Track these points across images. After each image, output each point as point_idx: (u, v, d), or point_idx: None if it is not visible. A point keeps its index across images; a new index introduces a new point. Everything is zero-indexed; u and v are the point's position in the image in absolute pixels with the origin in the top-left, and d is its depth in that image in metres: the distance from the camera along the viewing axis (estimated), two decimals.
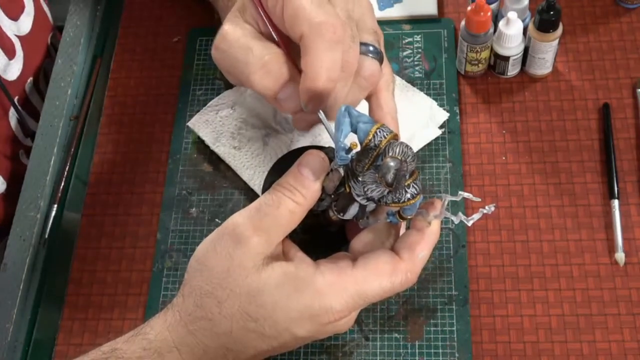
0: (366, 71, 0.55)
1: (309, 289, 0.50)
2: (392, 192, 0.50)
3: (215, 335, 0.52)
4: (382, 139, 0.49)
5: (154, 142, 0.76)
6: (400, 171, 0.48)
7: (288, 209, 0.52)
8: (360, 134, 0.50)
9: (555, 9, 0.67)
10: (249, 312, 0.51)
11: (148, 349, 0.52)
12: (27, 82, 0.81)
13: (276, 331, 0.51)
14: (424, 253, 0.53)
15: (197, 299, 0.52)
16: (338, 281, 0.50)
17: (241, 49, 0.54)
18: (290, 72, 0.53)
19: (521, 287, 0.65)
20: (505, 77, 0.74)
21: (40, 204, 0.72)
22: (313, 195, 0.52)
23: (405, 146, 0.48)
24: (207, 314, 0.52)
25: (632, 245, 0.66)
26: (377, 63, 0.56)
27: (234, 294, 0.51)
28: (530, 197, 0.69)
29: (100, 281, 0.69)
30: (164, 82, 0.79)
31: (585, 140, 0.71)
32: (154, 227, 0.71)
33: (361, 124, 0.50)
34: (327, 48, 0.50)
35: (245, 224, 0.51)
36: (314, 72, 0.51)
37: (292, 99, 0.53)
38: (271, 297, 0.50)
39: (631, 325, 0.63)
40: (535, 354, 0.62)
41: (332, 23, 0.50)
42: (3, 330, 0.67)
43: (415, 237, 0.53)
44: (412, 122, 0.72)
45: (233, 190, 0.72)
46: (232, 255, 0.51)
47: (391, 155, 0.48)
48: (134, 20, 0.84)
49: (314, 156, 0.53)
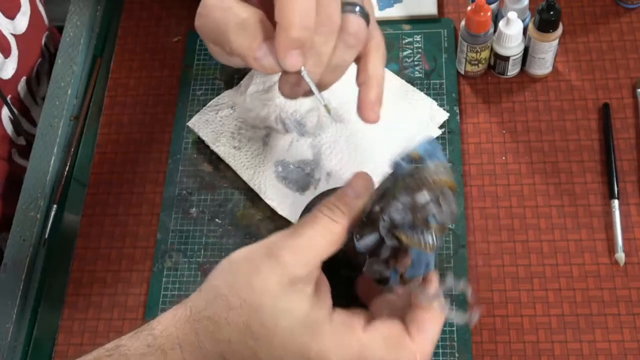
0: (351, 27, 0.53)
1: (314, 331, 0.49)
2: (412, 227, 0.47)
3: (215, 341, 0.51)
4: (443, 176, 0.47)
5: (154, 142, 0.76)
6: (434, 206, 0.46)
7: (325, 227, 0.50)
8: (423, 154, 0.48)
9: (555, 9, 0.67)
10: (251, 328, 0.50)
11: (152, 345, 0.52)
12: (20, 82, 0.81)
13: (270, 358, 0.50)
14: (433, 331, 0.50)
15: (211, 298, 0.51)
16: (344, 336, 0.49)
17: (220, 10, 0.53)
18: (267, 31, 0.51)
19: (521, 287, 0.65)
20: (505, 77, 0.74)
21: (40, 204, 0.72)
22: (353, 213, 0.50)
23: (455, 203, 0.47)
24: (214, 315, 0.51)
25: (632, 245, 0.66)
26: (363, 20, 0.54)
27: (246, 305, 0.50)
28: (530, 197, 0.69)
29: (100, 281, 0.69)
30: (164, 82, 0.79)
31: (585, 140, 0.71)
32: (154, 227, 0.71)
33: (427, 144, 0.48)
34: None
35: (280, 242, 0.50)
36: (286, 20, 0.49)
37: (269, 56, 0.50)
38: (276, 323, 0.49)
39: (631, 325, 0.63)
40: (535, 354, 0.62)
41: None
42: (3, 330, 0.67)
43: (429, 318, 0.50)
44: (412, 122, 0.72)
45: (233, 190, 0.72)
46: (259, 268, 0.50)
47: (442, 193, 0.46)
48: (134, 20, 0.84)
49: (360, 176, 0.52)
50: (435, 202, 0.46)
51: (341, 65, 0.53)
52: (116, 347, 0.52)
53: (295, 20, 0.49)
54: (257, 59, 0.51)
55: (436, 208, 0.46)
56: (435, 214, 0.46)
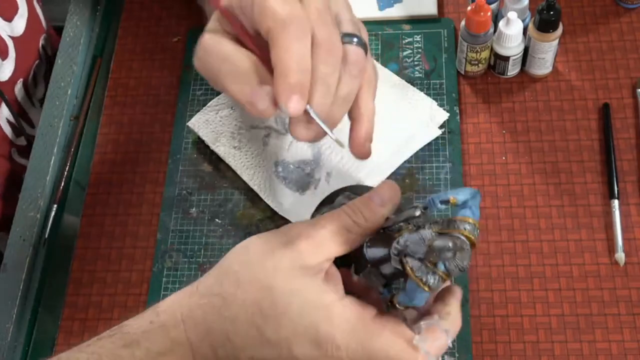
0: (353, 57, 0.53)
1: (324, 312, 0.49)
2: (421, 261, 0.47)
3: (221, 318, 0.51)
4: (471, 233, 0.48)
5: (154, 142, 0.76)
6: (450, 255, 0.46)
7: (345, 227, 0.50)
8: (461, 202, 0.49)
9: (555, 9, 0.67)
10: (261, 306, 0.50)
11: (154, 322, 0.52)
12: (17, 84, 0.81)
13: (277, 338, 0.50)
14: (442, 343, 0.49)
15: (222, 274, 0.52)
16: (352, 320, 0.49)
17: (217, 57, 0.54)
18: (262, 76, 0.52)
19: (521, 287, 0.65)
20: (505, 77, 0.74)
21: (40, 204, 0.72)
22: (375, 219, 0.51)
23: (468, 261, 0.47)
24: (223, 291, 0.51)
25: (632, 245, 0.66)
26: (362, 50, 0.55)
27: (256, 282, 0.50)
28: (530, 197, 0.69)
29: (100, 281, 0.69)
30: (164, 82, 0.79)
31: (585, 140, 0.71)
32: (154, 227, 0.71)
33: (469, 194, 0.49)
34: (293, 39, 0.49)
35: (300, 231, 0.51)
36: (283, 65, 0.49)
37: (264, 100, 0.51)
38: (287, 301, 0.49)
39: (631, 325, 0.63)
40: (535, 354, 0.62)
41: (297, 15, 0.49)
42: (3, 330, 0.67)
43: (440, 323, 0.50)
44: (412, 122, 0.72)
45: (233, 190, 0.72)
46: (274, 251, 0.51)
47: (462, 249, 0.47)
48: (134, 20, 0.84)
49: (388, 185, 0.52)
50: (453, 253, 0.46)
51: (348, 95, 0.54)
52: (120, 326, 0.52)
53: (293, 65, 0.49)
54: (251, 104, 0.51)
55: (451, 258, 0.46)
56: (448, 262, 0.47)
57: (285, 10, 0.49)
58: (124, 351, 0.51)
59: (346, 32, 0.54)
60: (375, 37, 0.78)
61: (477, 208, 0.49)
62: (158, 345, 0.51)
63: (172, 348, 0.51)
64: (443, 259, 0.46)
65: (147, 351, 0.51)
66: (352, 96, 0.54)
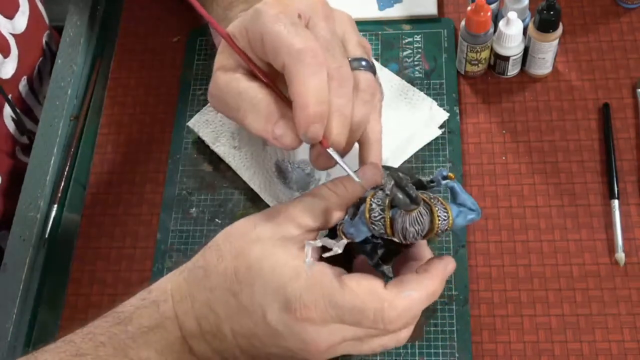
0: (363, 84, 0.55)
1: (292, 271, 0.50)
2: (380, 205, 0.49)
3: (202, 289, 0.53)
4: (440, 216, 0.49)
5: (154, 142, 0.76)
6: (405, 215, 0.48)
7: (323, 196, 0.53)
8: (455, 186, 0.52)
9: (555, 9, 0.67)
10: (237, 273, 0.52)
11: (146, 298, 0.54)
12: (21, 81, 0.81)
13: (251, 303, 0.51)
14: (412, 290, 0.50)
15: (206, 249, 0.54)
16: (319, 276, 0.50)
17: (231, 95, 0.55)
18: (281, 109, 0.54)
19: (521, 287, 0.65)
20: (505, 77, 0.74)
21: (40, 204, 0.72)
22: (353, 189, 0.53)
23: (417, 230, 0.49)
24: (205, 264, 0.53)
25: (632, 245, 0.66)
26: (371, 74, 0.56)
27: (235, 252, 0.52)
28: (530, 197, 0.69)
29: (100, 281, 0.69)
30: (164, 82, 0.79)
31: (585, 140, 0.71)
32: (154, 227, 0.71)
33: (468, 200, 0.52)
34: (310, 73, 0.51)
35: (281, 207, 0.53)
36: (302, 99, 0.51)
37: (288, 134, 0.53)
38: (260, 266, 0.51)
39: (631, 325, 0.63)
40: (535, 354, 0.62)
41: (311, 47, 0.51)
42: (3, 330, 0.67)
43: (410, 276, 0.52)
44: (412, 122, 0.72)
45: (233, 190, 0.72)
46: (256, 225, 0.53)
47: (421, 215, 0.48)
48: (134, 20, 0.84)
49: (372, 164, 0.55)
50: (408, 213, 0.48)
51: (362, 121, 0.56)
52: (114, 310, 0.54)
53: (311, 98, 0.51)
54: (277, 139, 0.53)
55: (404, 215, 0.48)
56: (399, 217, 0.48)
57: (300, 44, 0.51)
58: (116, 328, 0.52)
59: (354, 57, 0.56)
60: (375, 37, 0.78)
61: (464, 218, 0.51)
62: (149, 320, 0.53)
63: (162, 322, 0.53)
64: (399, 209, 0.48)
65: (139, 326, 0.53)
66: (365, 121, 0.56)
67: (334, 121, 0.53)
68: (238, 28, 0.54)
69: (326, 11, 0.56)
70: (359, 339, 0.52)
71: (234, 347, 0.53)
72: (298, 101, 0.51)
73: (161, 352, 0.52)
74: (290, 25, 0.51)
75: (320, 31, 0.54)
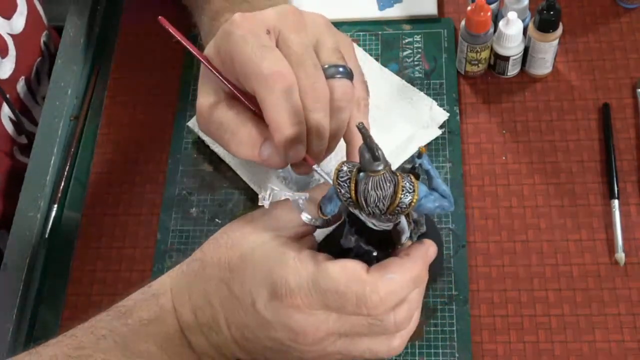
0: (338, 92, 0.55)
1: (279, 257, 0.51)
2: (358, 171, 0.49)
3: (199, 280, 0.53)
4: (406, 188, 0.48)
5: (154, 142, 0.76)
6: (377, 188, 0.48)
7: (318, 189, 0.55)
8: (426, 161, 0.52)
9: (555, 9, 0.67)
10: (230, 262, 0.52)
11: (146, 292, 0.55)
12: (19, 81, 0.81)
13: (242, 292, 0.51)
14: (394, 276, 0.50)
15: (205, 243, 0.55)
16: (303, 262, 0.50)
17: (214, 125, 0.57)
18: (264, 132, 0.55)
19: (521, 287, 0.65)
20: (505, 77, 0.74)
21: (40, 204, 0.72)
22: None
23: (377, 197, 0.48)
24: (203, 256, 0.54)
25: (632, 245, 0.66)
26: (347, 80, 0.56)
27: (231, 243, 0.53)
28: (530, 197, 0.69)
29: (100, 281, 0.69)
30: (164, 82, 0.79)
31: (585, 140, 0.71)
32: (154, 227, 0.71)
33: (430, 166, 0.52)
34: (280, 97, 0.51)
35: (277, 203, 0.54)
36: (277, 123, 0.52)
37: (273, 156, 0.55)
38: (251, 254, 0.52)
39: (631, 325, 0.63)
40: (535, 354, 0.62)
41: (279, 71, 0.51)
42: (3, 330, 0.67)
43: (392, 259, 0.52)
44: (412, 122, 0.72)
45: (233, 190, 0.72)
46: (253, 217, 0.55)
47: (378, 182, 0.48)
48: (134, 20, 0.84)
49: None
50: (371, 176, 0.47)
51: (340, 127, 0.57)
52: (115, 305, 0.56)
53: (285, 122, 0.52)
54: (265, 161, 0.56)
55: (367, 177, 0.48)
56: (364, 179, 0.48)
57: (267, 69, 0.52)
58: (117, 321, 0.53)
59: (330, 65, 0.56)
60: (375, 37, 0.78)
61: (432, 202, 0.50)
62: (148, 313, 0.54)
63: (161, 315, 0.54)
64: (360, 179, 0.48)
65: (139, 319, 0.53)
66: (343, 126, 0.57)
67: (312, 140, 0.54)
68: (212, 49, 0.56)
69: (297, 20, 0.55)
70: (347, 336, 0.51)
71: (230, 341, 0.53)
72: (273, 127, 0.52)
73: (160, 346, 0.53)
74: (257, 47, 0.52)
75: (292, 46, 0.54)
